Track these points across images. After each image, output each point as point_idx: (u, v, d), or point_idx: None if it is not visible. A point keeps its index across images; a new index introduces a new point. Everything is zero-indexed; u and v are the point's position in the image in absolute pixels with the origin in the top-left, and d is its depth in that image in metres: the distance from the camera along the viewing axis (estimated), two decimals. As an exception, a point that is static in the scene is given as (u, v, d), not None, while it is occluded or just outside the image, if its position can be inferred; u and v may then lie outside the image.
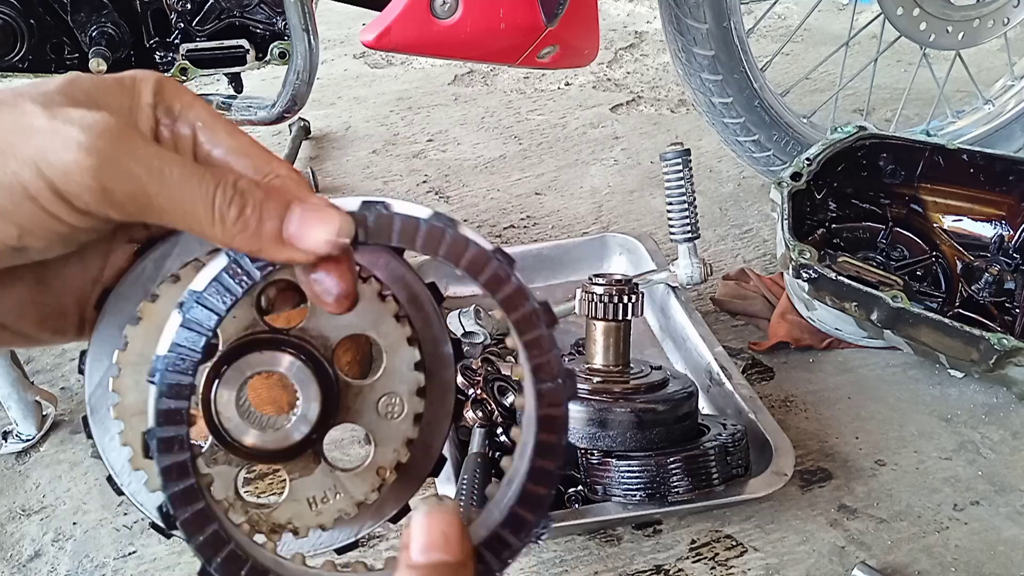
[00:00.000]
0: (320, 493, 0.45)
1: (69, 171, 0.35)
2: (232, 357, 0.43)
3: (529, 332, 0.39)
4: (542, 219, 1.97)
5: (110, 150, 0.36)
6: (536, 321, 0.40)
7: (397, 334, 0.45)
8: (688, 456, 1.07)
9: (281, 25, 1.48)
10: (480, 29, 1.39)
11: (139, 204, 0.37)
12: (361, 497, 0.45)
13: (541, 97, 2.60)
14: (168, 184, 0.37)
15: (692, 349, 1.42)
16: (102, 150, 0.36)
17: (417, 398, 0.46)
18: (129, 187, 0.37)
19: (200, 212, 0.38)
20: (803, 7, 2.96)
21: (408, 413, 0.46)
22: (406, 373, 0.45)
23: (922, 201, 1.58)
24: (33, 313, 0.43)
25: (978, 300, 1.49)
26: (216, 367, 0.43)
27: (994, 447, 1.31)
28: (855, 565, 1.11)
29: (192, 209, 0.38)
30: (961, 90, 2.14)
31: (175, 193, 0.37)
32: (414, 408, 0.46)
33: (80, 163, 0.35)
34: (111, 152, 0.36)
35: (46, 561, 1.19)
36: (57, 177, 0.36)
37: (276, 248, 0.39)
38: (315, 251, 0.39)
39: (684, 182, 1.46)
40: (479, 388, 1.27)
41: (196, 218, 0.38)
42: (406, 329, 0.46)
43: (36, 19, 1.41)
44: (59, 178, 0.36)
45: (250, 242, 0.38)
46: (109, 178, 0.36)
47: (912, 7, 1.74)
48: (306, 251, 0.39)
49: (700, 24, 1.71)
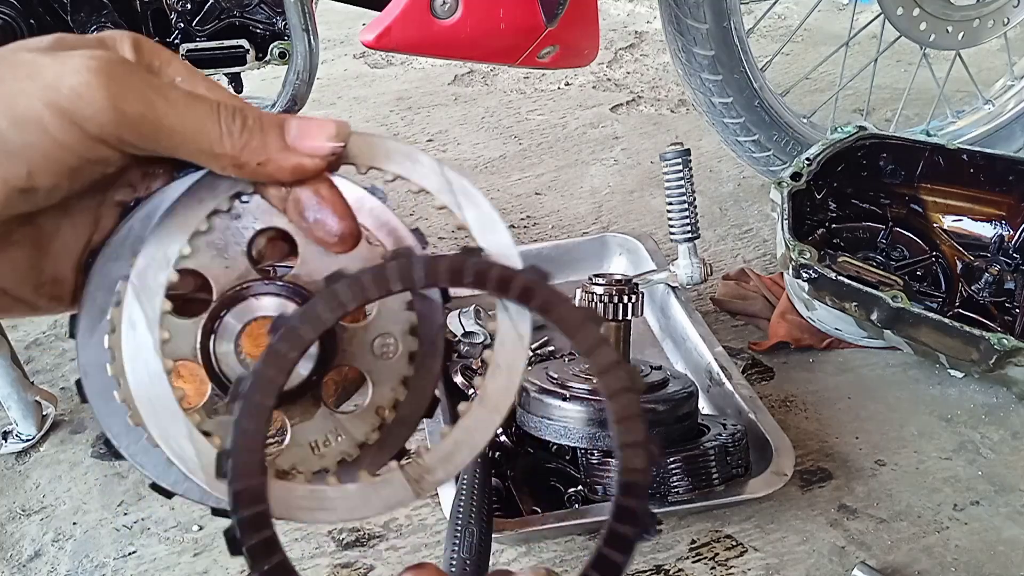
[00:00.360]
0: (322, 436, 0.46)
1: (81, 93, 0.36)
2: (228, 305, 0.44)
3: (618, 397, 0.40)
4: (542, 219, 1.97)
5: (119, 71, 0.38)
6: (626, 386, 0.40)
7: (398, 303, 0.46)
8: (688, 456, 1.07)
9: (281, 25, 1.48)
10: (480, 29, 1.39)
11: (150, 123, 0.38)
12: (362, 438, 0.46)
13: (541, 97, 2.60)
14: (175, 103, 0.39)
15: (692, 349, 1.42)
16: (111, 71, 0.37)
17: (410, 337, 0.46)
18: (140, 106, 0.38)
19: (208, 127, 0.39)
20: (803, 7, 2.96)
21: (403, 352, 0.46)
22: (399, 313, 0.46)
23: (922, 201, 1.58)
24: (31, 278, 0.43)
25: (978, 300, 1.49)
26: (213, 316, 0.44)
27: (994, 447, 1.31)
28: (855, 565, 1.11)
29: (200, 126, 0.39)
30: (961, 90, 2.14)
31: (183, 110, 0.39)
32: (408, 347, 0.46)
33: (91, 83, 0.36)
34: (120, 73, 0.38)
35: (46, 561, 1.19)
36: (69, 102, 0.36)
37: (283, 155, 0.41)
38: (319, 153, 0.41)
39: (684, 182, 1.46)
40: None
41: (205, 134, 0.39)
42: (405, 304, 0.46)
43: (36, 19, 1.41)
44: (72, 103, 0.36)
45: (257, 152, 0.40)
46: (121, 97, 0.37)
47: (912, 7, 1.74)
48: (311, 154, 0.41)
49: (700, 24, 1.71)
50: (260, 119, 0.41)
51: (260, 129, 0.41)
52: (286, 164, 0.41)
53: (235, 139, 0.40)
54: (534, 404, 1.11)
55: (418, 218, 1.99)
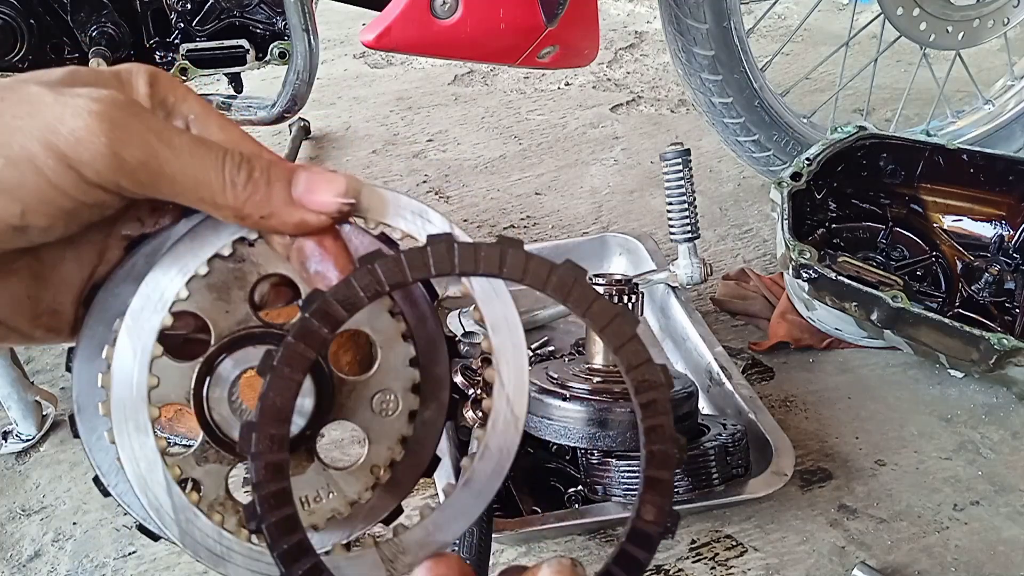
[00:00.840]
0: (313, 492, 0.44)
1: (80, 137, 0.35)
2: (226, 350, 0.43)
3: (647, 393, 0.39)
4: (542, 219, 1.96)
5: (121, 116, 0.36)
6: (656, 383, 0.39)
7: (392, 330, 0.45)
8: (688, 456, 1.07)
9: (281, 25, 1.48)
10: (480, 29, 1.39)
11: (150, 171, 0.37)
12: (354, 496, 0.44)
13: (541, 97, 2.60)
14: (179, 151, 0.37)
15: (692, 349, 1.42)
16: (114, 116, 0.36)
17: (412, 395, 0.45)
18: (141, 153, 0.36)
19: (211, 178, 0.38)
20: (803, 7, 2.96)
21: (403, 410, 0.45)
22: (400, 369, 0.45)
23: (922, 201, 1.58)
24: (28, 309, 0.42)
25: (978, 300, 1.49)
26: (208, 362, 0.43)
27: (994, 447, 1.31)
28: (855, 565, 1.11)
29: (203, 176, 0.38)
30: (961, 90, 2.14)
31: (186, 159, 0.37)
32: (408, 405, 0.45)
33: (91, 128, 0.35)
34: (122, 118, 0.36)
35: (46, 561, 1.19)
36: (67, 146, 0.35)
37: (287, 210, 0.39)
38: (325, 210, 0.39)
39: (684, 182, 1.46)
40: (479, 388, 1.26)
41: (207, 184, 0.38)
42: (400, 325, 0.45)
43: (36, 19, 1.41)
44: (69, 146, 0.35)
45: (261, 206, 0.39)
46: (121, 143, 0.36)
47: (912, 7, 1.74)
48: (317, 211, 0.39)
49: (700, 24, 1.71)
50: (267, 170, 0.39)
51: (266, 182, 0.39)
52: (290, 220, 0.39)
53: (239, 191, 0.38)
54: (534, 404, 1.11)
55: (418, 218, 1.99)
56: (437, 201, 2.05)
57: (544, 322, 1.55)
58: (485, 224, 1.95)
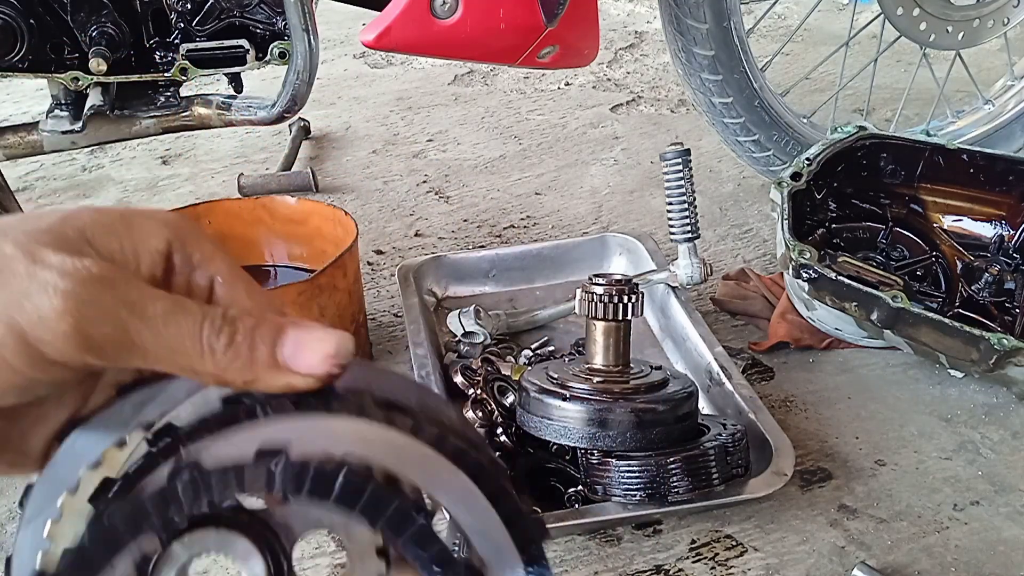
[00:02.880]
0: None
1: (43, 316, 0.33)
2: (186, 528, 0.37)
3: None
4: (542, 219, 1.97)
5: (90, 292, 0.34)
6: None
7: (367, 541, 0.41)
8: (688, 456, 1.07)
9: (281, 25, 1.48)
10: (480, 29, 1.40)
11: (120, 345, 0.34)
12: None
13: (541, 97, 2.60)
14: (151, 321, 0.35)
15: (692, 349, 1.42)
16: (80, 294, 0.33)
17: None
18: (108, 329, 0.34)
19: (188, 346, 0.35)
20: (803, 7, 2.96)
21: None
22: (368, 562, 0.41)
23: (922, 201, 1.58)
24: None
25: (978, 300, 1.49)
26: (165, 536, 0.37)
27: (994, 447, 1.31)
28: (855, 565, 1.11)
29: (178, 344, 0.35)
30: (961, 90, 2.14)
31: (159, 328, 0.35)
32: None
33: (56, 307, 0.33)
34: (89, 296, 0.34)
35: (46, 561, 1.19)
36: (29, 324, 0.33)
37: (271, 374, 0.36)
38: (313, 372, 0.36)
39: (684, 182, 1.46)
40: (479, 388, 1.27)
41: (184, 353, 0.35)
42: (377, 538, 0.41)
43: (36, 19, 1.41)
44: (31, 325, 0.33)
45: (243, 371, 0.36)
46: (88, 321, 0.33)
47: (912, 7, 1.74)
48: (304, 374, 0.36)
49: (700, 24, 1.71)
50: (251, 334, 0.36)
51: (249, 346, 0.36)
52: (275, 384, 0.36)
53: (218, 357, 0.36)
54: (534, 404, 1.11)
55: (418, 217, 2.00)
56: (437, 201, 2.06)
57: (544, 322, 1.55)
58: (485, 224, 1.95)
